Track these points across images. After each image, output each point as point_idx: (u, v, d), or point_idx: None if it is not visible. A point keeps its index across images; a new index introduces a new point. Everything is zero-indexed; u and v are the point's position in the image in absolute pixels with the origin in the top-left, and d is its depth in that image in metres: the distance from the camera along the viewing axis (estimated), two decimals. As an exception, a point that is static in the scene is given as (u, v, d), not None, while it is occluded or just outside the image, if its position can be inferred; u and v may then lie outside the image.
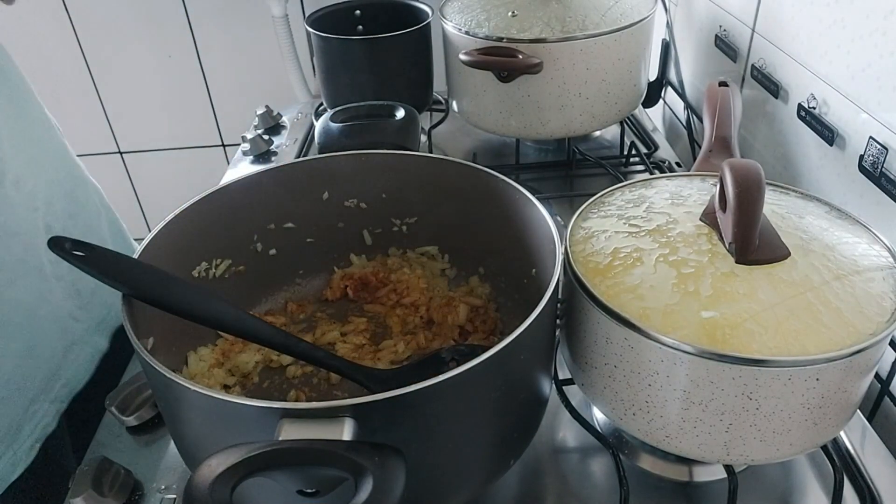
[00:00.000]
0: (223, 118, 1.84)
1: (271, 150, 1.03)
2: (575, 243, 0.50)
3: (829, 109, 0.67)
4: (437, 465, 0.43)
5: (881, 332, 0.42)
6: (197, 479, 0.32)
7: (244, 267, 0.62)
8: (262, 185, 0.60)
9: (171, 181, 1.94)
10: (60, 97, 1.80)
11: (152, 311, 0.47)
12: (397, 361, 0.59)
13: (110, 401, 0.60)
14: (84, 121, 1.84)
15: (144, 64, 1.75)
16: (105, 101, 1.82)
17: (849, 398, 0.45)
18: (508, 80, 0.83)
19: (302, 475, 0.35)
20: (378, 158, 0.62)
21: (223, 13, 1.67)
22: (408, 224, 0.66)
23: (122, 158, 1.93)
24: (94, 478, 0.52)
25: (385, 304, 0.65)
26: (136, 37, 1.71)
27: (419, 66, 0.98)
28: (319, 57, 0.97)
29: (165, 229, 0.52)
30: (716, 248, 0.46)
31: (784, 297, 0.43)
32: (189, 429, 0.45)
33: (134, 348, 0.41)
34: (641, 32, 0.85)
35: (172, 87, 1.79)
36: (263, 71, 1.73)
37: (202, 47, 1.72)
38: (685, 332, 0.42)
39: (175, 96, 1.80)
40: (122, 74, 1.77)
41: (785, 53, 0.74)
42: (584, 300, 0.47)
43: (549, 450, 0.57)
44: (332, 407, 0.36)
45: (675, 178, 0.57)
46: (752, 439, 0.44)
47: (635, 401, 0.47)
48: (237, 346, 0.59)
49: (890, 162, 0.58)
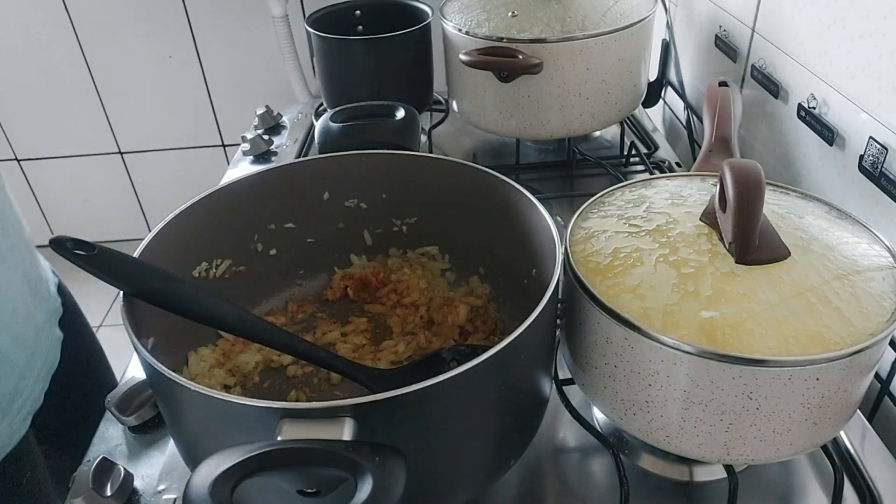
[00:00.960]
0: (223, 118, 1.84)
1: (271, 150, 1.03)
2: (575, 243, 0.50)
3: (829, 109, 0.67)
4: (438, 465, 0.43)
5: (881, 332, 0.42)
6: (197, 480, 0.32)
7: (244, 267, 0.62)
8: (262, 185, 0.60)
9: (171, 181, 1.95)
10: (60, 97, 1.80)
11: (152, 311, 0.47)
12: (397, 362, 0.59)
13: (110, 401, 0.60)
14: (84, 121, 1.85)
15: (144, 64, 1.75)
16: (105, 101, 1.82)
17: (849, 398, 0.45)
18: (508, 80, 0.83)
19: (302, 475, 0.35)
20: (378, 158, 0.62)
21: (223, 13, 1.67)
22: (408, 224, 0.66)
23: (122, 158, 1.93)
24: (94, 478, 0.52)
25: (385, 304, 0.65)
26: (136, 37, 1.71)
27: (419, 66, 0.98)
28: (319, 57, 0.97)
29: (165, 229, 0.52)
30: (716, 248, 0.46)
31: (784, 297, 0.43)
32: (189, 429, 0.45)
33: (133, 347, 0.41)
34: (641, 32, 0.85)
35: (172, 87, 1.79)
36: (263, 71, 1.74)
37: (202, 47, 1.73)
38: (685, 332, 0.42)
39: (175, 96, 1.80)
40: (122, 74, 1.77)
41: (785, 53, 0.74)
42: (584, 300, 0.47)
43: (550, 450, 0.57)
44: (332, 407, 0.36)
45: (675, 178, 0.57)
46: (752, 439, 0.44)
47: (635, 401, 0.47)
48: (238, 346, 0.59)
49: (890, 162, 0.58)
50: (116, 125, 1.86)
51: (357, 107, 0.77)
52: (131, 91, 1.80)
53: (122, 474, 0.54)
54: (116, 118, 1.85)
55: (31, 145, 1.90)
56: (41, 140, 1.89)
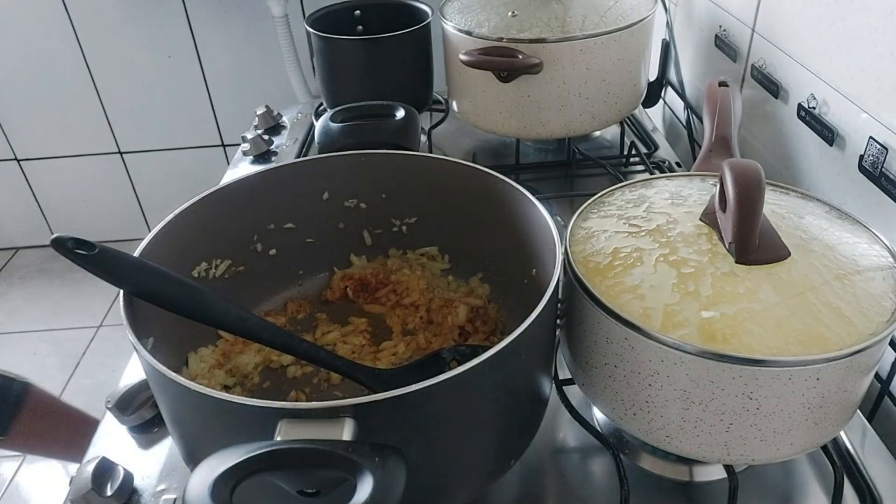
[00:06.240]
0: (223, 118, 1.84)
1: (271, 150, 1.03)
2: (575, 243, 0.50)
3: (829, 109, 0.67)
4: (438, 465, 0.43)
5: (881, 331, 0.42)
6: (197, 480, 0.32)
7: (244, 267, 0.62)
8: (262, 185, 0.60)
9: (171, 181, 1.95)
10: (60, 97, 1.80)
11: (152, 311, 0.47)
12: (397, 362, 0.59)
13: (110, 401, 0.60)
14: (84, 121, 1.85)
15: (144, 64, 1.75)
16: (105, 101, 1.82)
17: (849, 398, 0.45)
18: (508, 80, 0.83)
19: (302, 475, 0.35)
20: (378, 158, 0.62)
21: (223, 13, 1.67)
22: (408, 224, 0.66)
23: (122, 158, 1.93)
24: (94, 478, 0.52)
25: (385, 304, 0.65)
26: (136, 37, 1.71)
27: (419, 66, 0.98)
28: (319, 57, 0.97)
29: (165, 229, 0.52)
30: (716, 248, 0.46)
31: (784, 297, 0.43)
32: (189, 429, 0.45)
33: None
34: (641, 32, 0.85)
35: (172, 87, 1.79)
36: (263, 71, 1.74)
37: (202, 47, 1.72)
38: (685, 332, 0.42)
39: (175, 96, 1.80)
40: (122, 74, 1.77)
41: (785, 53, 0.74)
42: (584, 300, 0.47)
43: (549, 450, 0.57)
44: (332, 407, 0.36)
45: (675, 178, 0.57)
46: (752, 439, 0.44)
47: (635, 401, 0.47)
48: (237, 346, 0.59)
49: (890, 162, 0.58)
50: (116, 125, 1.86)
51: (357, 107, 0.77)
52: (131, 91, 1.80)
53: (122, 474, 0.54)
54: (116, 118, 1.85)
55: (31, 145, 1.90)
56: (41, 140, 1.89)
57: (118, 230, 1.98)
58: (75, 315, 1.85)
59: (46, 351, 1.77)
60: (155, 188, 1.98)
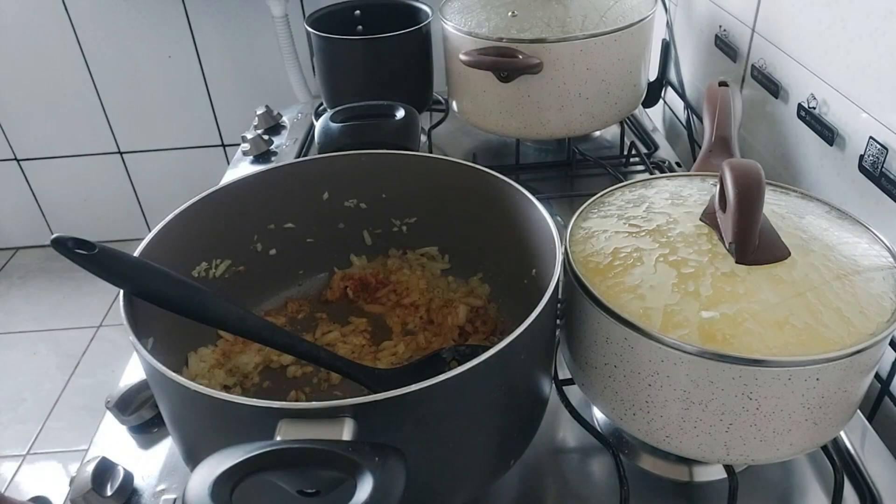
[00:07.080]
0: (223, 118, 1.84)
1: (271, 150, 1.03)
2: (575, 243, 0.50)
3: (829, 109, 0.67)
4: (438, 465, 0.43)
5: (881, 332, 0.42)
6: (196, 480, 0.32)
7: (244, 267, 0.62)
8: (262, 185, 0.60)
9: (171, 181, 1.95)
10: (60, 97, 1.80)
11: (152, 311, 0.47)
12: (397, 362, 0.59)
13: (110, 401, 0.60)
14: (84, 121, 1.85)
15: (144, 64, 1.75)
16: (105, 101, 1.82)
17: (849, 398, 0.45)
18: (508, 80, 0.83)
19: (302, 475, 0.35)
20: (378, 158, 0.62)
21: (223, 13, 1.67)
22: (408, 224, 0.66)
23: (122, 158, 1.93)
24: (94, 478, 0.52)
25: (385, 304, 0.65)
26: (136, 37, 1.71)
27: (419, 66, 0.98)
28: (319, 57, 0.97)
29: (165, 229, 0.52)
30: (716, 248, 0.46)
31: (784, 297, 0.43)
32: (189, 429, 0.45)
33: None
34: (641, 32, 0.85)
35: (172, 88, 1.79)
36: (263, 71, 1.74)
37: (202, 47, 1.72)
38: (685, 332, 0.42)
39: (175, 96, 1.80)
40: (122, 74, 1.77)
41: (785, 53, 0.74)
42: (584, 300, 0.47)
43: (549, 450, 0.57)
44: (332, 407, 0.36)
45: (675, 178, 0.57)
46: (752, 439, 0.44)
47: (635, 401, 0.47)
48: (238, 346, 0.59)
49: (890, 162, 0.58)
50: (116, 125, 1.86)
51: (357, 107, 0.77)
52: (131, 91, 1.80)
53: (122, 474, 0.54)
54: (116, 118, 1.85)
55: (31, 145, 1.90)
56: (41, 140, 1.89)
57: (118, 230, 1.98)
58: (75, 315, 1.85)
59: (46, 351, 1.77)
60: (155, 188, 1.98)
